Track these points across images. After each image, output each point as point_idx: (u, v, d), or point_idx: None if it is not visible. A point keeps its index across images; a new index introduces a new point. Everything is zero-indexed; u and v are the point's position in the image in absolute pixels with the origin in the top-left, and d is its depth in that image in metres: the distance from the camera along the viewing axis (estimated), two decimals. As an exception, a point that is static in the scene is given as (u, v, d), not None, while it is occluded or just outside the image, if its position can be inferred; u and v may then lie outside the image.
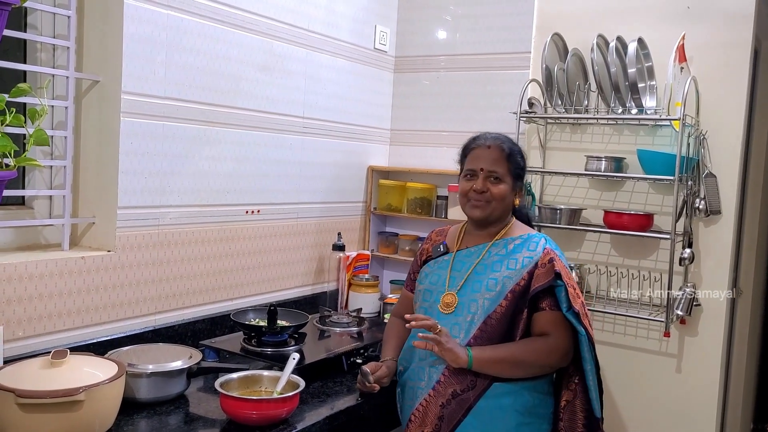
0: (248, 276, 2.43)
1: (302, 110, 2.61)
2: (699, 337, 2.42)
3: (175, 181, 2.12)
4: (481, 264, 1.91)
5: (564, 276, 1.81)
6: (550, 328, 1.83)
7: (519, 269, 1.85)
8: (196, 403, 1.80)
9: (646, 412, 2.51)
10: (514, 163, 1.93)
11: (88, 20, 1.97)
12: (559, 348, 1.82)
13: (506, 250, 1.91)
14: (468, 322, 1.84)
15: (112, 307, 1.97)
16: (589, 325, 1.82)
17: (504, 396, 1.80)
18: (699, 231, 2.41)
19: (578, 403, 1.86)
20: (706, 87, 2.38)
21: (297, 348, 2.06)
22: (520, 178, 1.97)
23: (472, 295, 1.86)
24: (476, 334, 1.82)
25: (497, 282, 1.85)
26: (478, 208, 1.91)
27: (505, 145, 1.93)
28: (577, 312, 1.79)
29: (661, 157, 2.34)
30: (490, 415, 1.79)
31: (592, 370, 1.83)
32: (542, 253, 1.86)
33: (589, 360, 1.82)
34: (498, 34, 2.84)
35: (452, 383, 1.81)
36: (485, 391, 1.80)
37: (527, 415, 1.81)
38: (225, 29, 2.23)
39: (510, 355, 1.80)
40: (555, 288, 1.82)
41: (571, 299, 1.80)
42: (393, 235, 3.06)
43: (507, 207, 1.95)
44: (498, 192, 1.90)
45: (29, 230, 1.94)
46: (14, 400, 1.39)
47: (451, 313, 1.87)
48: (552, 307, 1.83)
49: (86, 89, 1.99)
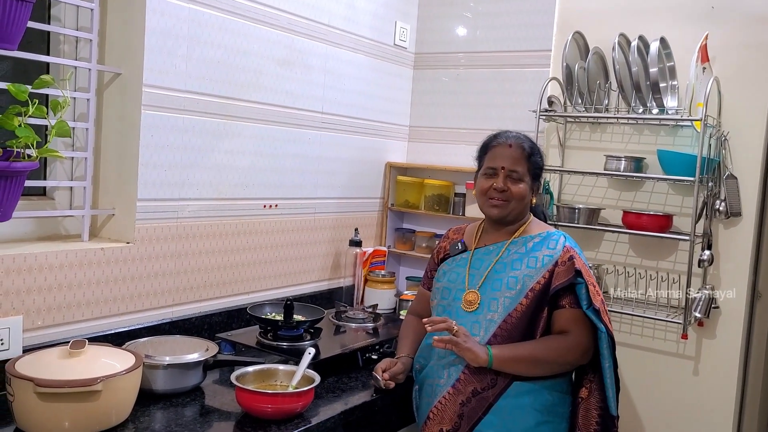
0: (265, 270, 2.44)
1: (321, 105, 2.61)
2: (717, 340, 2.40)
3: (194, 175, 2.13)
4: (500, 262, 1.90)
5: (584, 273, 1.81)
6: (570, 325, 1.82)
7: (539, 267, 1.85)
8: (212, 395, 1.81)
9: (663, 415, 2.49)
10: (534, 163, 1.93)
11: (111, 13, 1.98)
12: (579, 345, 1.82)
13: (526, 248, 1.90)
14: (488, 320, 1.84)
15: (130, 298, 1.98)
16: (608, 322, 1.82)
17: (524, 395, 1.80)
18: (719, 233, 2.39)
19: (593, 400, 1.85)
20: (728, 87, 2.35)
21: (313, 343, 2.06)
22: (538, 177, 1.97)
23: (493, 293, 1.86)
24: (496, 332, 1.82)
25: (517, 280, 1.84)
26: (497, 207, 1.90)
27: (526, 144, 1.92)
28: (597, 309, 1.78)
29: (682, 158, 2.31)
30: (510, 413, 1.79)
31: (611, 367, 1.82)
32: (562, 251, 1.86)
33: (607, 357, 1.82)
34: (518, 32, 2.82)
35: (472, 381, 1.80)
36: (505, 389, 1.79)
37: (546, 413, 1.81)
38: (246, 23, 2.24)
39: (530, 354, 1.79)
40: (575, 285, 1.82)
41: (592, 296, 1.79)
42: (410, 231, 3.06)
43: (525, 206, 1.95)
44: (518, 191, 1.89)
45: (50, 221, 1.96)
46: (33, 388, 1.41)
47: (474, 311, 1.86)
48: (572, 304, 1.82)
49: (108, 82, 2.00)
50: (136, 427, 1.57)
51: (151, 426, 1.58)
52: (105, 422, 1.50)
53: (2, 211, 1.61)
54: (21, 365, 1.48)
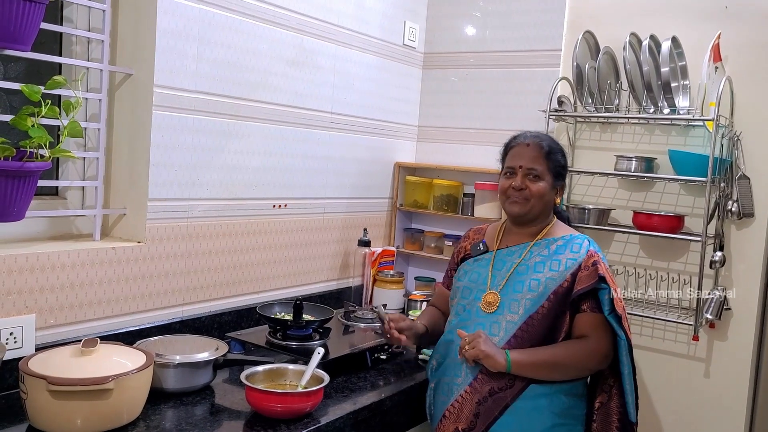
0: (274, 270, 2.44)
1: (330, 105, 2.62)
2: (728, 342, 2.39)
3: (204, 175, 2.14)
4: (522, 264, 1.89)
5: (608, 279, 1.80)
6: (590, 330, 1.81)
7: (562, 271, 1.83)
8: (222, 394, 1.82)
9: (674, 416, 2.48)
10: (554, 161, 1.91)
11: (122, 14, 2.00)
12: (598, 351, 1.80)
13: (549, 251, 1.88)
14: (508, 322, 1.83)
15: (141, 297, 1.99)
16: (628, 329, 1.81)
17: (540, 397, 1.79)
18: (731, 234, 2.37)
19: (613, 405, 1.84)
20: (741, 87, 2.34)
21: (322, 342, 2.07)
22: (561, 176, 1.95)
23: (514, 295, 1.85)
24: (517, 334, 1.81)
25: (540, 283, 1.83)
26: (517, 203, 1.90)
27: (545, 143, 1.92)
28: (619, 315, 1.77)
29: (694, 158, 2.30)
30: (526, 415, 1.78)
31: (630, 374, 1.81)
32: (586, 255, 1.85)
33: (626, 364, 1.81)
34: (528, 31, 2.81)
35: (490, 381, 1.80)
36: (522, 391, 1.78)
37: (562, 416, 1.81)
38: (255, 24, 2.25)
39: (549, 359, 1.79)
40: (598, 291, 1.80)
41: (615, 302, 1.78)
42: (419, 231, 3.06)
43: (547, 205, 1.93)
44: (537, 189, 1.88)
45: (62, 220, 1.97)
46: (45, 386, 1.42)
47: (493, 312, 1.86)
48: (593, 309, 1.81)
49: (119, 82, 2.02)
50: (147, 425, 1.58)
51: (161, 424, 1.59)
52: (116, 420, 1.51)
53: (16, 211, 1.63)
54: (34, 363, 1.50)
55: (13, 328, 1.68)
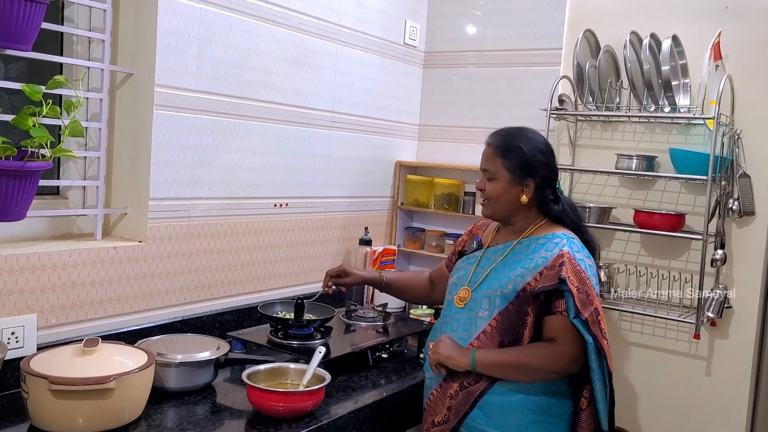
0: (276, 269, 2.45)
1: (331, 104, 2.62)
2: (730, 340, 2.39)
3: (205, 174, 2.14)
4: (503, 261, 1.88)
5: (569, 282, 1.72)
6: (558, 333, 1.76)
7: (532, 269, 1.79)
8: (223, 393, 1.82)
9: (675, 415, 2.48)
10: (512, 158, 1.85)
11: (123, 14, 2.00)
12: (564, 355, 1.75)
13: (528, 250, 1.86)
14: (479, 318, 1.83)
15: (142, 296, 1.99)
16: (601, 334, 1.73)
17: (512, 393, 1.77)
18: (732, 232, 2.37)
19: (590, 411, 1.80)
20: (741, 85, 2.34)
21: (323, 342, 2.07)
22: (526, 172, 1.84)
23: (487, 291, 1.84)
24: (486, 330, 1.81)
25: (509, 280, 1.81)
26: (482, 206, 1.94)
27: (501, 141, 1.88)
28: (584, 320, 1.72)
29: (694, 157, 2.30)
30: (498, 410, 1.77)
31: (600, 380, 1.76)
32: (557, 254, 1.78)
33: (596, 370, 1.75)
34: (529, 30, 2.81)
35: (459, 375, 1.81)
36: (491, 386, 1.78)
37: (540, 413, 1.78)
38: (256, 23, 2.25)
39: (513, 360, 1.76)
40: (565, 293, 1.75)
41: (580, 306, 1.71)
42: (420, 230, 3.06)
43: (511, 204, 1.87)
44: (489, 190, 1.88)
45: (63, 220, 1.97)
46: (47, 386, 1.42)
47: (463, 307, 1.88)
48: (564, 312, 1.75)
49: (120, 82, 2.02)
50: (149, 424, 1.58)
51: (163, 424, 1.59)
52: (118, 419, 1.52)
53: (17, 211, 1.63)
54: (35, 363, 1.50)
55: (15, 327, 1.68)
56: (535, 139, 1.89)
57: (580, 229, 1.93)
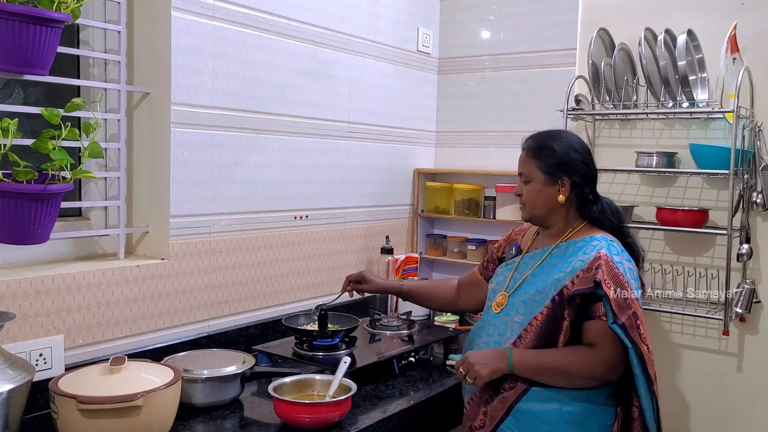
0: (298, 281, 2.45)
1: (347, 115, 2.62)
2: (760, 335, 2.35)
3: (224, 189, 2.16)
4: (540, 266, 1.86)
5: (604, 284, 1.69)
6: (596, 338, 1.73)
7: (569, 272, 1.77)
8: (250, 407, 1.82)
9: (707, 413, 2.44)
10: (545, 159, 1.83)
11: (137, 34, 2.02)
12: (603, 360, 1.71)
13: (566, 254, 1.83)
14: (516, 323, 1.82)
15: (167, 314, 2.01)
16: (640, 339, 1.69)
17: (547, 401, 1.74)
18: (757, 225, 2.34)
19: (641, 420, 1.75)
20: (760, 77, 2.31)
21: (348, 352, 2.07)
22: (561, 170, 1.83)
23: (524, 296, 1.83)
24: (522, 335, 1.79)
25: (547, 284, 1.79)
26: (521, 210, 1.93)
27: (533, 143, 1.88)
28: (621, 324, 1.68)
29: (715, 151, 2.27)
30: (532, 419, 1.74)
31: (644, 386, 1.71)
32: (594, 256, 1.75)
33: (639, 376, 1.70)
34: (542, 32, 2.80)
35: (494, 381, 1.78)
36: (525, 393, 1.75)
37: (576, 425, 1.74)
38: (269, 38, 2.26)
39: (551, 363, 1.74)
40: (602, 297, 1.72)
41: (617, 310, 1.68)
42: (441, 237, 3.05)
43: (548, 205, 1.85)
44: (526, 194, 1.88)
45: (86, 240, 2.00)
46: (76, 405, 1.43)
47: (499, 312, 1.87)
48: (603, 316, 1.71)
49: (137, 101, 2.04)
50: (178, 440, 1.59)
51: (191, 439, 1.60)
52: (147, 437, 1.52)
53: (40, 233, 1.65)
54: (64, 383, 1.51)
55: (42, 349, 1.70)
56: (568, 138, 1.90)
57: (621, 232, 1.88)
